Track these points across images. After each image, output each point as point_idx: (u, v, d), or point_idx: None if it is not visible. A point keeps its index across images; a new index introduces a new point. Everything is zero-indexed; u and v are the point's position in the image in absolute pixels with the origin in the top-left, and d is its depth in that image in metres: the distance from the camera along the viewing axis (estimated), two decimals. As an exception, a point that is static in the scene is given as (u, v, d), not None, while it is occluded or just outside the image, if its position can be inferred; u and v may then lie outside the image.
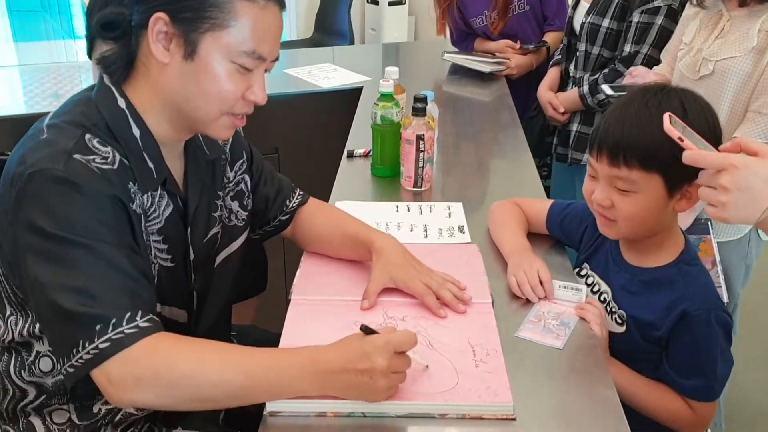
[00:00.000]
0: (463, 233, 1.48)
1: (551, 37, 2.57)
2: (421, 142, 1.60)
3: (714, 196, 0.92)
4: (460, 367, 1.04)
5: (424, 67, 2.86)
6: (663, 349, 1.23)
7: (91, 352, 0.90)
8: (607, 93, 1.90)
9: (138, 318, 0.92)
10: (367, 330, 0.97)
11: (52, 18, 5.60)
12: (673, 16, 1.94)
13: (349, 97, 2.38)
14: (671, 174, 1.13)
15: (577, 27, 2.21)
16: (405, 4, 5.05)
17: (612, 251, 1.32)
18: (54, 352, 1.03)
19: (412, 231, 1.48)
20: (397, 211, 1.57)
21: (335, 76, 2.58)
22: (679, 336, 1.20)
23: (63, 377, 0.95)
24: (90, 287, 0.91)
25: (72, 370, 0.91)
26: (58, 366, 0.96)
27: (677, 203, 1.18)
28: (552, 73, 2.37)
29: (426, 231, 1.49)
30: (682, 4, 1.91)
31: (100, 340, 0.89)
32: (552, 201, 1.47)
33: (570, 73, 2.27)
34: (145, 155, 1.04)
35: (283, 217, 1.36)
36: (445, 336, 1.11)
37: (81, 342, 0.90)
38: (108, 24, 1.01)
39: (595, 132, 1.20)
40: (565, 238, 1.44)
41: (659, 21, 1.98)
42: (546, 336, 1.15)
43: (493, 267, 1.34)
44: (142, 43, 1.01)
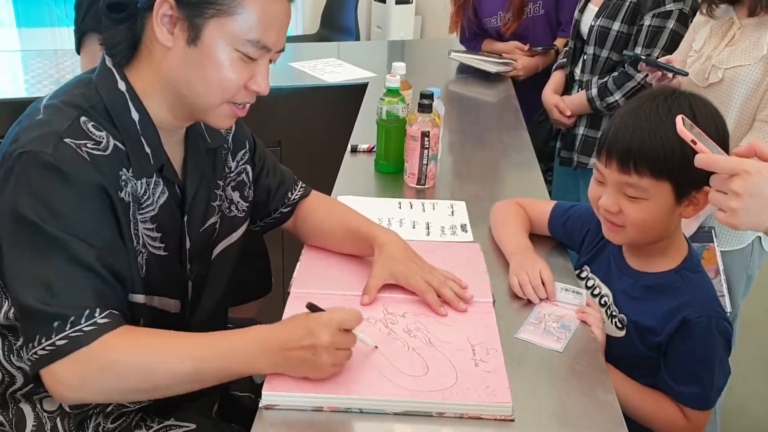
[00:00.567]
0: (466, 232, 1.46)
1: (562, 43, 2.56)
2: (426, 139, 1.59)
3: (725, 201, 0.91)
4: (459, 365, 1.03)
5: (430, 65, 2.85)
6: (662, 355, 1.22)
7: (47, 348, 0.90)
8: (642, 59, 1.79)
9: (97, 315, 0.91)
10: (313, 308, 0.99)
11: (56, 5, 5.58)
12: (685, 20, 1.93)
13: (354, 92, 2.37)
14: (680, 181, 1.13)
15: (584, 30, 2.20)
16: (412, 3, 5.04)
17: (614, 255, 1.31)
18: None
19: (414, 228, 1.47)
20: (399, 207, 1.56)
21: (340, 71, 2.57)
22: (679, 342, 1.19)
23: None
24: (54, 283, 0.91)
25: (29, 364, 0.92)
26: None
27: (684, 209, 1.17)
28: (556, 77, 2.35)
29: (428, 228, 1.47)
30: (694, 9, 1.90)
31: (58, 337, 0.89)
32: (555, 202, 1.47)
33: (576, 77, 2.26)
34: (142, 140, 1.03)
35: (285, 210, 1.34)
36: (445, 334, 1.10)
37: (38, 337, 0.90)
38: (114, 5, 1.00)
39: (604, 137, 1.18)
40: (567, 239, 1.43)
41: (671, 25, 1.97)
42: (546, 338, 1.14)
43: (494, 267, 1.33)
44: (146, 25, 1.00)
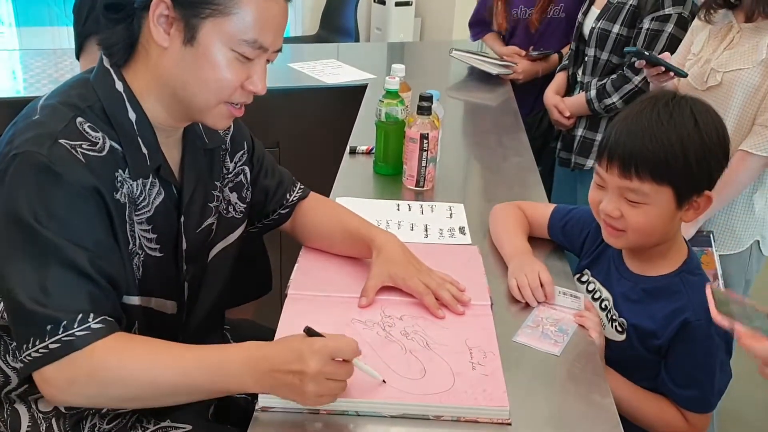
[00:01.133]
0: (464, 234, 1.46)
1: (567, 49, 2.55)
2: (425, 141, 1.59)
3: None
4: (456, 368, 1.02)
5: (429, 67, 2.85)
6: (662, 358, 1.22)
7: (40, 351, 0.89)
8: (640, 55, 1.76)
9: (90, 320, 0.91)
10: (311, 332, 0.94)
11: (55, 4, 5.57)
12: (683, 24, 1.93)
13: (353, 94, 2.37)
14: (681, 186, 1.13)
15: (586, 32, 2.20)
16: (412, 5, 5.04)
17: (614, 259, 1.31)
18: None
19: (412, 230, 1.47)
20: (398, 209, 1.56)
21: (340, 73, 2.56)
22: (679, 346, 1.19)
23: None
24: (48, 286, 0.90)
25: (22, 366, 0.91)
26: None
27: (685, 213, 1.17)
28: (559, 78, 2.36)
29: (426, 231, 1.47)
30: (693, 12, 1.90)
31: (51, 340, 0.89)
32: (554, 205, 1.46)
33: (578, 78, 2.26)
34: (139, 140, 1.02)
35: (283, 211, 1.34)
36: (443, 337, 1.10)
37: (32, 339, 0.89)
38: (112, 5, 1.00)
39: (605, 141, 1.18)
40: (567, 243, 1.43)
41: (669, 29, 1.97)
42: (544, 342, 1.13)
43: (493, 270, 1.33)
44: (143, 25, 0.99)
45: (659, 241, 1.21)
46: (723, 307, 0.93)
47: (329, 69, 2.60)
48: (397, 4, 4.96)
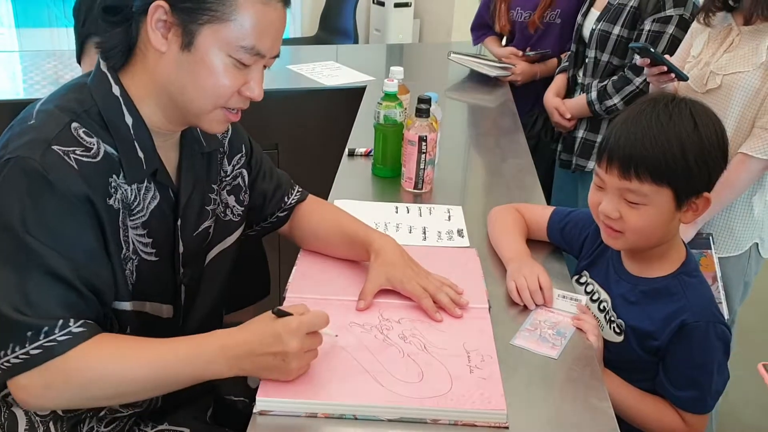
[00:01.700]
0: (462, 237, 1.46)
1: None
2: (424, 144, 1.59)
3: None
4: (454, 372, 1.02)
5: (428, 69, 2.85)
6: (660, 360, 1.22)
7: (20, 357, 0.89)
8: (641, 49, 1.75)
9: (71, 324, 0.91)
10: (281, 313, 0.97)
11: (54, 5, 5.57)
12: (684, 25, 1.93)
13: (352, 96, 2.37)
14: (681, 187, 1.14)
15: (586, 34, 2.20)
16: (411, 6, 5.05)
17: (613, 260, 1.31)
18: None
19: (410, 233, 1.47)
20: (396, 212, 1.56)
21: (338, 75, 2.56)
22: (677, 347, 1.19)
23: None
24: (30, 293, 0.90)
25: (0, 372, 0.91)
26: None
27: (684, 215, 1.18)
28: (559, 80, 2.36)
29: (425, 233, 1.47)
30: (694, 14, 1.90)
31: (32, 347, 0.89)
32: (553, 208, 1.46)
33: (578, 80, 2.26)
34: (135, 144, 1.02)
35: (281, 214, 1.34)
36: (441, 340, 1.10)
37: (11, 345, 0.89)
38: (111, 8, 1.00)
39: (605, 143, 1.18)
40: (566, 245, 1.43)
41: (670, 30, 1.97)
42: (541, 345, 1.13)
43: (491, 272, 1.33)
44: (141, 30, 0.99)
45: (658, 243, 1.22)
46: None
47: (328, 71, 2.60)
48: (396, 6, 4.97)
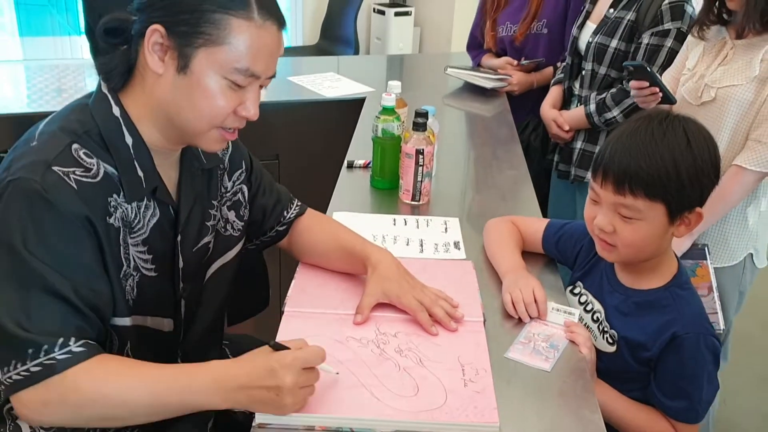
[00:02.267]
0: (459, 249, 1.48)
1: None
2: (421, 157, 1.61)
3: None
4: (449, 385, 1.04)
5: (427, 80, 2.87)
6: (652, 370, 1.24)
7: (21, 374, 0.92)
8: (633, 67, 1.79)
9: (72, 343, 0.93)
10: (277, 346, 0.97)
11: (58, 13, 5.61)
12: (682, 39, 1.93)
13: (352, 107, 2.39)
14: (674, 202, 1.16)
15: (582, 47, 2.22)
16: (411, 15, 5.08)
17: (606, 272, 1.33)
18: None
19: (408, 245, 1.49)
20: (394, 224, 1.58)
21: (339, 86, 2.59)
22: (668, 358, 1.21)
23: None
24: (31, 311, 0.92)
25: (2, 388, 0.93)
26: None
27: (677, 229, 1.20)
28: (554, 92, 2.37)
29: (422, 246, 1.49)
30: (691, 27, 1.92)
31: (32, 364, 0.91)
32: (548, 221, 1.49)
33: (575, 92, 2.27)
34: (135, 164, 1.05)
35: (280, 228, 1.36)
36: (436, 354, 1.12)
37: (13, 362, 0.92)
38: (111, 30, 1.02)
39: (600, 158, 1.21)
40: (561, 256, 1.45)
41: (668, 43, 1.99)
42: (535, 358, 1.15)
43: (487, 285, 1.35)
44: (140, 52, 1.02)
45: (650, 256, 1.24)
46: None
47: (328, 82, 2.62)
48: (396, 14, 5.01)
